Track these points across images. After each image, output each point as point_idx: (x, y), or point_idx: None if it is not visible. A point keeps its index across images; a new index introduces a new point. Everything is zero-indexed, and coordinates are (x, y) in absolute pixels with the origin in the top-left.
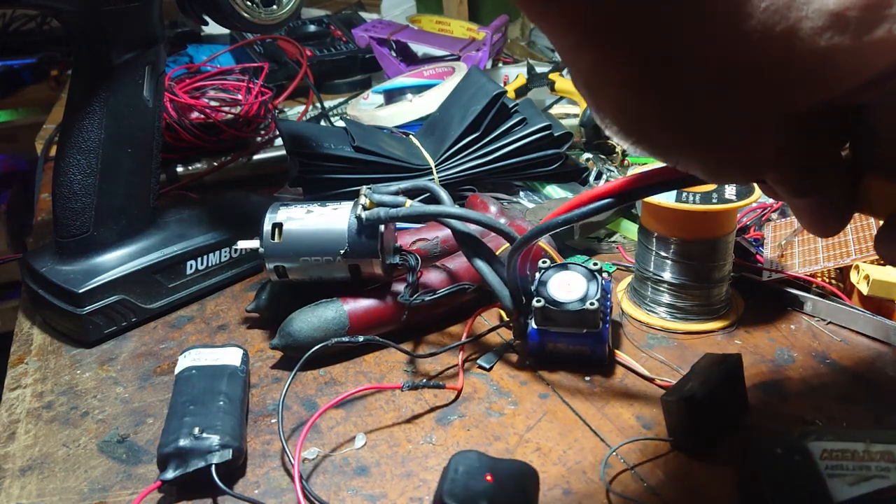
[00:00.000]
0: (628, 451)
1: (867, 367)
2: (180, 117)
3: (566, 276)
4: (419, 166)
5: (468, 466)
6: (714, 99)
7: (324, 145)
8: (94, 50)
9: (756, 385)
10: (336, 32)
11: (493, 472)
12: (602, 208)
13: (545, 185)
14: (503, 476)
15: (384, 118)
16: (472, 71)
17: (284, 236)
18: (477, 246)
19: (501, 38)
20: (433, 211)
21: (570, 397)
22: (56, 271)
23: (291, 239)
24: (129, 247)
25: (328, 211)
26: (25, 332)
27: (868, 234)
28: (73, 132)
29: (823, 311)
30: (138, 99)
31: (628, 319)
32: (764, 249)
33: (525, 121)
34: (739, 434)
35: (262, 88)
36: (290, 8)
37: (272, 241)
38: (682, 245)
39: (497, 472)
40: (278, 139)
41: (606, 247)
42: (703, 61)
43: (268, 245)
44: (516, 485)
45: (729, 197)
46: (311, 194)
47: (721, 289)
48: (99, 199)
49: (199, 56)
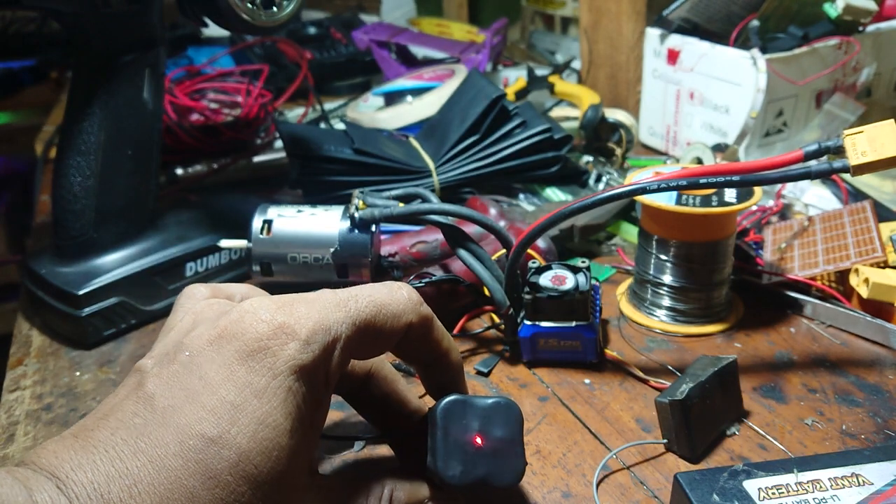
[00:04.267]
0: (627, 454)
1: (867, 371)
2: (180, 119)
3: (554, 272)
4: (419, 169)
5: (456, 430)
6: None
7: (323, 147)
8: (93, 52)
9: (756, 388)
10: (336, 35)
11: (481, 430)
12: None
13: (545, 187)
14: (491, 429)
15: (384, 120)
16: (471, 73)
17: (274, 233)
18: (463, 239)
19: (501, 41)
20: (427, 209)
21: (569, 400)
22: (55, 273)
23: (281, 235)
24: (129, 249)
25: (320, 211)
26: (24, 333)
27: (868, 237)
28: (72, 134)
29: (823, 314)
30: (138, 101)
31: (628, 322)
32: (764, 252)
33: (525, 123)
34: (736, 436)
35: (261, 91)
36: (290, 10)
37: (261, 236)
38: (682, 248)
39: (485, 429)
40: (278, 141)
41: (606, 249)
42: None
43: (257, 241)
44: (505, 433)
45: (729, 200)
46: (310, 196)
47: (721, 292)
48: (98, 200)
49: (198, 58)
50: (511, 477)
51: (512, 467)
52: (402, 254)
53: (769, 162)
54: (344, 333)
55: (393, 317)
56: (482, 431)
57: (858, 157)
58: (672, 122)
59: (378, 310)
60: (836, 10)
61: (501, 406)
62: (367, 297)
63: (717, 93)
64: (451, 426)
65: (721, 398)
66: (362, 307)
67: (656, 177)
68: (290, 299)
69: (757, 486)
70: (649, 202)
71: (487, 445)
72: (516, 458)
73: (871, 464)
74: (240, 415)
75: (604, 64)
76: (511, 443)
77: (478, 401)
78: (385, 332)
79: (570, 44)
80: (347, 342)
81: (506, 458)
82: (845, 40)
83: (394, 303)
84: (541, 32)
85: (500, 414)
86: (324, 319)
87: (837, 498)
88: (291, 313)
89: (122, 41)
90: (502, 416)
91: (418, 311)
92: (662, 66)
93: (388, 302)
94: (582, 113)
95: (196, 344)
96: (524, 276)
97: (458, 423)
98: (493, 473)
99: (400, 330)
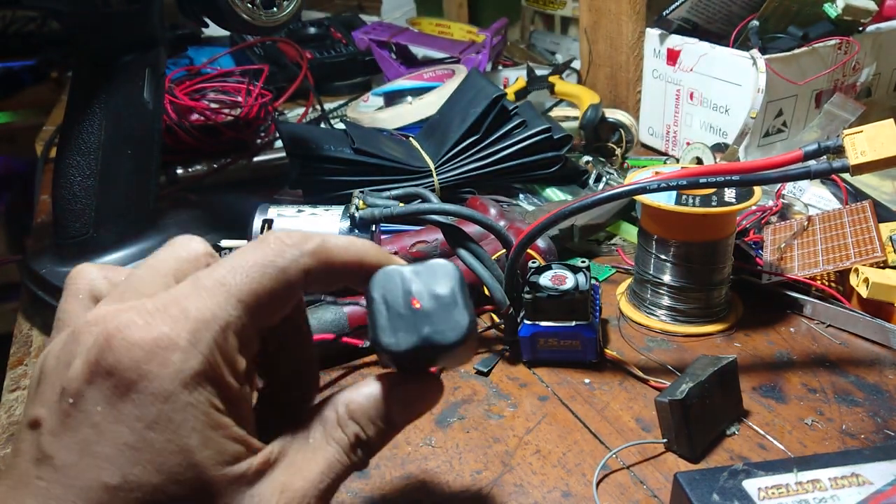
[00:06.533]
0: (627, 454)
1: (867, 370)
2: (180, 119)
3: (554, 272)
4: (419, 168)
5: (392, 299)
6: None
7: (324, 147)
8: (94, 52)
9: (755, 388)
10: (336, 35)
11: (417, 293)
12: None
13: (545, 187)
14: (429, 289)
15: (384, 120)
16: (471, 73)
17: None
18: (463, 239)
19: (501, 41)
20: (427, 209)
21: (569, 400)
22: (56, 273)
23: None
24: (129, 248)
25: (320, 211)
26: (25, 333)
27: (867, 237)
28: (72, 134)
29: (823, 313)
30: (138, 101)
31: (628, 322)
32: (763, 252)
33: (525, 123)
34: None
35: (262, 90)
36: (290, 10)
37: (261, 236)
38: (682, 248)
39: (422, 291)
40: (278, 141)
41: (606, 249)
42: None
43: None
44: (444, 290)
45: (728, 199)
46: (310, 196)
47: (720, 291)
48: (99, 200)
49: (199, 58)
50: (455, 333)
51: (455, 323)
52: (402, 254)
53: (769, 162)
54: (232, 316)
55: (280, 271)
56: (420, 292)
57: (858, 157)
58: (672, 122)
59: (261, 272)
60: (836, 10)
61: (437, 266)
62: (247, 264)
63: (717, 93)
64: (387, 296)
65: (721, 398)
66: (241, 279)
67: (656, 177)
68: (164, 302)
69: (757, 485)
70: (649, 202)
71: (425, 306)
72: (458, 314)
73: (870, 463)
74: (140, 454)
75: (604, 64)
76: (451, 298)
77: (411, 266)
78: (277, 291)
79: (570, 44)
80: (239, 324)
81: (448, 315)
82: (845, 40)
83: (277, 256)
84: (541, 32)
85: (437, 273)
86: (202, 311)
87: (837, 498)
88: (165, 318)
89: (122, 41)
90: (439, 274)
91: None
92: (662, 66)
93: (271, 258)
94: (582, 113)
95: (74, 387)
96: (524, 276)
97: (392, 293)
98: (435, 332)
99: (294, 281)
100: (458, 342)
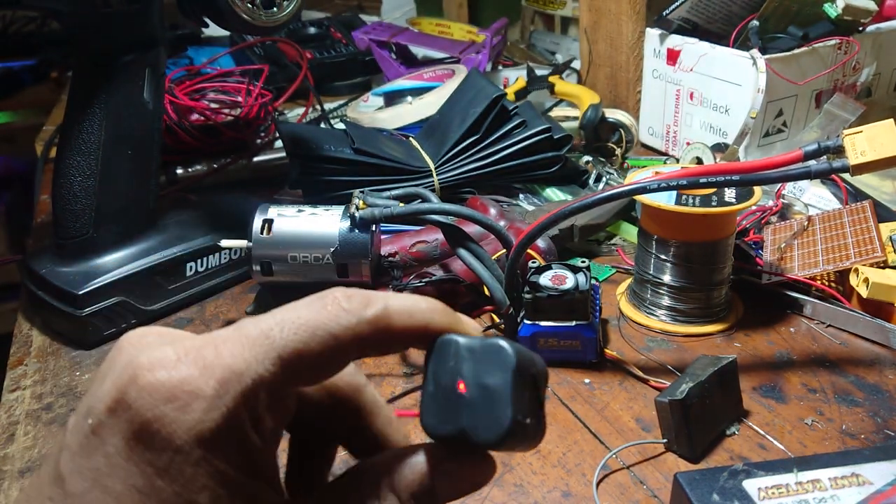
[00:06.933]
0: (627, 454)
1: (867, 371)
2: (180, 119)
3: (554, 272)
4: (419, 168)
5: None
6: None
7: (323, 147)
8: (94, 52)
9: (755, 388)
10: (336, 35)
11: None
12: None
13: (545, 187)
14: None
15: (384, 120)
16: (471, 73)
17: (274, 233)
18: (463, 239)
19: (501, 41)
20: (427, 209)
21: (569, 400)
22: (56, 273)
23: (281, 235)
24: (129, 248)
25: (320, 211)
26: (25, 333)
27: (867, 237)
28: (72, 134)
29: (823, 313)
30: (138, 101)
31: (628, 322)
32: (763, 252)
33: (525, 123)
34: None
35: (261, 90)
36: (290, 10)
37: (262, 235)
38: (682, 248)
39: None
40: (278, 141)
41: (606, 249)
42: None
43: (257, 240)
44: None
45: (728, 199)
46: (310, 196)
47: (720, 291)
48: (99, 200)
49: (199, 58)
50: (492, 433)
51: (495, 421)
52: (402, 254)
53: (769, 162)
54: (267, 372)
55: (332, 337)
56: (467, 376)
57: (858, 157)
58: (672, 122)
59: (311, 333)
60: (836, 10)
61: (492, 348)
62: (298, 321)
63: (717, 93)
64: (438, 371)
65: (721, 398)
66: (288, 335)
67: (656, 177)
68: (202, 342)
69: (757, 485)
70: (649, 202)
71: (470, 394)
72: (502, 410)
73: (870, 463)
74: (147, 500)
75: (604, 64)
76: (500, 391)
77: (469, 341)
78: (325, 356)
79: (570, 44)
80: (274, 381)
81: (490, 410)
82: (845, 40)
83: (330, 320)
84: (541, 32)
85: (491, 357)
86: (237, 360)
87: (837, 497)
88: (196, 362)
89: (122, 41)
90: (493, 359)
91: (364, 317)
92: (662, 66)
93: (324, 321)
94: (582, 113)
95: (98, 409)
96: (524, 276)
97: (443, 368)
98: (472, 426)
99: (346, 348)
100: (492, 443)
